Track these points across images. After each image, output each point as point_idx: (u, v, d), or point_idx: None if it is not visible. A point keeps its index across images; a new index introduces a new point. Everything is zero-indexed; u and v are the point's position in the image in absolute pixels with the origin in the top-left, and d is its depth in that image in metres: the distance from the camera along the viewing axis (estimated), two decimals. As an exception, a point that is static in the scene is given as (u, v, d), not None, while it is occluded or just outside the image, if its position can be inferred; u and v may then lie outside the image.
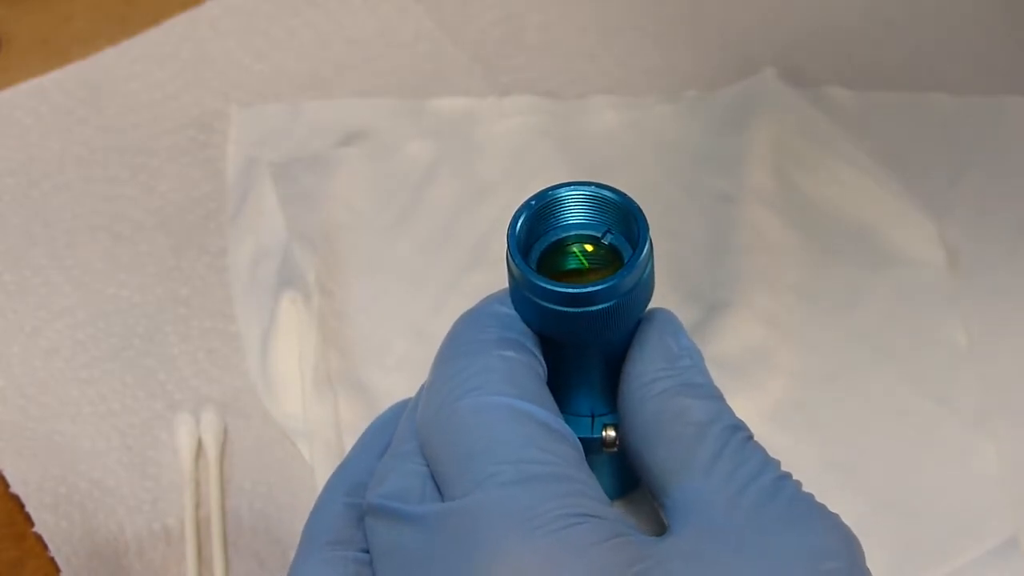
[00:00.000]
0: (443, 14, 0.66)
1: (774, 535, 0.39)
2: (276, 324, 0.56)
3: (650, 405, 0.42)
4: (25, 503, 0.52)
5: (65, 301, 0.57)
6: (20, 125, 0.62)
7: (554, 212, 0.44)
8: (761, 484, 0.40)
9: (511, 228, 0.43)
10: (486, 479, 0.39)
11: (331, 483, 0.45)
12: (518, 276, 0.43)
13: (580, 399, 0.45)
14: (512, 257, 0.43)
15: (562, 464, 0.40)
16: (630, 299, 0.43)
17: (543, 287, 0.42)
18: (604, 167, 0.60)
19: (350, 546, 0.43)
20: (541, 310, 0.42)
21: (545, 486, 0.39)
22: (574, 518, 0.38)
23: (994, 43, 0.65)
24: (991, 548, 0.51)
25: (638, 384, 0.43)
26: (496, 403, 0.41)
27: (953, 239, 0.59)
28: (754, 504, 0.40)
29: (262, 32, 0.65)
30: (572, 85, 0.64)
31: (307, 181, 0.60)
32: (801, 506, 0.40)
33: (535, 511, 0.38)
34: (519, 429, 0.40)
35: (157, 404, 0.55)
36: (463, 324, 0.44)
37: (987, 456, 0.53)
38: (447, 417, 0.41)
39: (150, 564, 0.51)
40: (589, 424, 0.46)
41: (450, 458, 0.41)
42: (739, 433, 0.41)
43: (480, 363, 0.42)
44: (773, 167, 0.60)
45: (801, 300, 0.57)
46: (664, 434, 0.42)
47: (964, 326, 0.56)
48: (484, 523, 0.39)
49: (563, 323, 0.43)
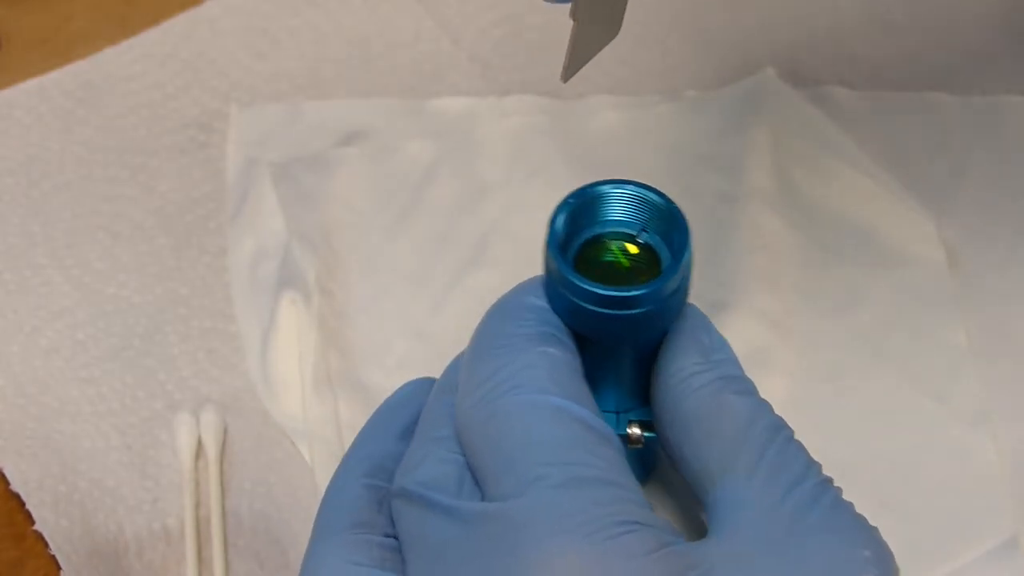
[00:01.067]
0: (443, 14, 0.66)
1: (816, 544, 0.39)
2: (276, 324, 0.56)
3: (690, 401, 0.42)
4: (25, 502, 0.52)
5: (65, 301, 0.57)
6: (20, 125, 0.62)
7: (595, 208, 0.44)
8: (803, 490, 0.40)
9: (551, 222, 0.43)
10: (534, 481, 0.39)
11: (347, 463, 0.44)
12: (555, 273, 0.42)
13: (607, 394, 0.45)
14: (551, 253, 0.42)
15: (608, 468, 0.39)
16: (669, 304, 0.43)
17: (582, 287, 0.42)
18: (604, 167, 0.60)
19: (374, 530, 0.42)
20: (576, 308, 0.42)
21: (594, 491, 0.39)
22: (625, 526, 0.38)
23: (994, 43, 0.65)
24: (991, 548, 0.51)
25: (676, 380, 0.43)
26: (540, 402, 0.40)
27: (953, 239, 0.59)
28: (796, 510, 0.39)
29: (262, 32, 0.65)
30: (572, 85, 0.64)
31: (307, 181, 0.60)
32: (843, 516, 0.40)
33: (584, 516, 0.38)
34: (564, 430, 0.40)
35: (157, 404, 0.55)
36: (499, 316, 0.43)
37: (987, 456, 0.53)
38: (489, 414, 0.40)
39: (150, 564, 0.51)
40: (615, 420, 0.45)
41: (493, 456, 0.40)
42: (781, 433, 0.41)
43: (522, 359, 0.41)
44: (773, 167, 0.60)
45: (801, 300, 0.57)
46: (705, 431, 0.41)
47: (964, 326, 0.56)
48: (533, 527, 0.38)
49: (599, 323, 0.42)
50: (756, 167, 0.60)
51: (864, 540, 0.40)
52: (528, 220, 0.58)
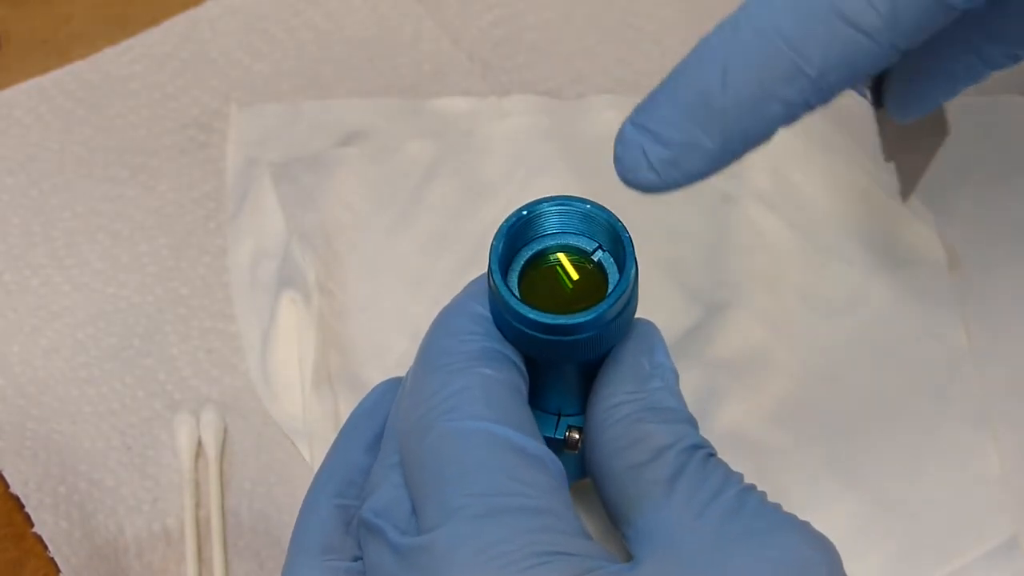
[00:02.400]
0: (443, 14, 0.66)
1: (740, 551, 0.39)
2: (276, 324, 0.56)
3: (611, 431, 0.42)
4: (24, 503, 0.52)
5: (65, 301, 0.57)
6: (20, 125, 0.62)
7: (544, 223, 0.43)
8: (723, 501, 0.39)
9: (495, 241, 0.42)
10: (456, 511, 0.39)
11: (318, 482, 0.45)
12: (497, 296, 0.42)
13: (548, 397, 0.45)
14: (492, 275, 0.42)
15: (535, 495, 0.39)
16: (611, 328, 0.42)
17: (522, 313, 0.41)
18: (604, 167, 0.60)
19: (342, 554, 0.42)
20: (519, 333, 0.42)
21: (515, 520, 0.38)
22: (541, 556, 0.38)
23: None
24: (991, 548, 0.51)
25: (603, 407, 0.42)
26: (471, 428, 0.40)
27: (953, 239, 0.59)
28: (718, 522, 0.39)
29: (262, 32, 0.65)
30: (572, 85, 0.64)
31: (307, 181, 0.60)
32: (767, 518, 0.39)
33: (502, 549, 0.38)
34: (493, 457, 0.40)
35: (157, 404, 0.55)
36: (443, 330, 0.43)
37: (987, 456, 0.53)
38: (421, 441, 0.40)
39: (150, 564, 0.51)
40: (554, 423, 0.45)
41: (423, 484, 0.40)
42: (698, 452, 0.41)
43: (458, 381, 0.41)
44: (773, 167, 0.60)
45: (801, 300, 0.57)
46: (622, 462, 0.41)
47: (964, 326, 0.56)
48: (451, 560, 0.38)
49: (540, 347, 0.42)
50: (756, 167, 0.60)
51: (799, 535, 0.39)
52: (528, 220, 0.58)
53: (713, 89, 0.39)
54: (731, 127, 0.40)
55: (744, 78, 0.39)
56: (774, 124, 0.40)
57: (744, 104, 0.39)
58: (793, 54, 0.39)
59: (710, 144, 0.40)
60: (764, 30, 0.39)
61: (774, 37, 0.39)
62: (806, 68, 0.39)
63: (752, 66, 0.39)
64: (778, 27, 0.39)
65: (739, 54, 0.39)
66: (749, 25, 0.40)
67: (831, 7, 0.39)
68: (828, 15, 0.39)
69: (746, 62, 0.39)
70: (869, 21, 0.39)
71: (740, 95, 0.39)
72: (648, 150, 0.40)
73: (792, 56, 0.39)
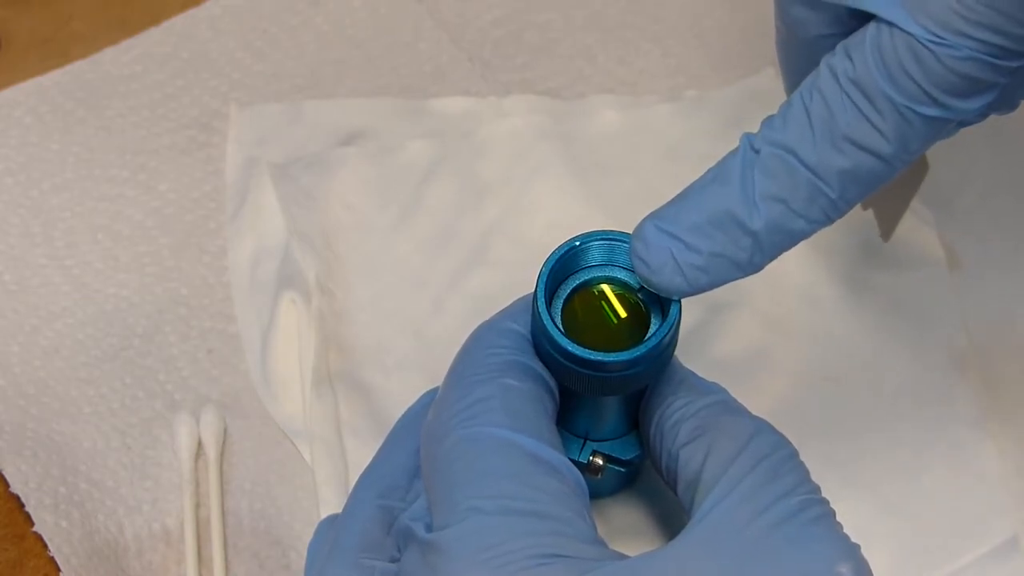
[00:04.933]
0: (443, 14, 0.66)
1: (776, 554, 0.39)
2: (276, 324, 0.56)
3: (689, 424, 0.43)
4: (25, 503, 0.52)
5: (65, 301, 0.57)
6: (20, 125, 0.62)
7: (588, 255, 0.44)
8: (787, 504, 0.40)
9: (543, 268, 0.43)
10: (465, 512, 0.40)
11: (363, 482, 0.46)
12: (538, 323, 0.42)
13: (577, 420, 0.45)
14: (537, 302, 0.42)
15: (544, 500, 0.40)
16: (649, 367, 0.42)
17: (561, 345, 0.42)
18: (604, 167, 0.60)
19: (380, 554, 0.44)
20: (556, 361, 0.42)
21: (520, 523, 0.39)
22: (542, 559, 0.39)
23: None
24: (992, 548, 0.51)
25: (673, 409, 0.44)
26: (487, 434, 0.41)
27: (953, 239, 0.59)
28: (769, 523, 0.40)
29: (262, 32, 0.65)
30: (572, 85, 0.64)
31: (307, 181, 0.60)
32: (821, 530, 0.40)
33: (502, 548, 0.39)
34: (507, 462, 0.41)
35: (157, 404, 0.55)
36: (475, 343, 0.44)
37: (987, 456, 0.53)
38: (439, 446, 0.42)
39: (149, 564, 0.51)
40: (579, 446, 0.46)
41: (438, 486, 0.41)
42: (781, 451, 0.42)
43: (480, 391, 0.42)
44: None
45: (802, 300, 0.57)
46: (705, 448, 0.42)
47: (964, 326, 0.56)
48: (455, 558, 0.39)
49: (576, 378, 0.42)
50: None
51: (842, 555, 0.40)
52: (528, 220, 0.58)
53: (739, 208, 0.41)
54: (760, 242, 0.42)
55: (770, 200, 0.41)
56: (799, 237, 0.42)
57: (771, 224, 0.41)
58: (813, 177, 0.41)
59: (741, 255, 0.42)
60: (783, 156, 0.41)
61: (794, 163, 0.41)
62: (826, 190, 0.41)
63: (776, 188, 0.41)
64: (797, 153, 0.41)
65: (763, 177, 0.41)
66: (769, 149, 0.41)
67: (843, 135, 0.40)
68: (842, 142, 0.40)
69: (770, 185, 0.41)
70: (880, 146, 0.41)
71: (767, 216, 0.41)
72: (678, 255, 0.42)
73: (813, 180, 0.41)
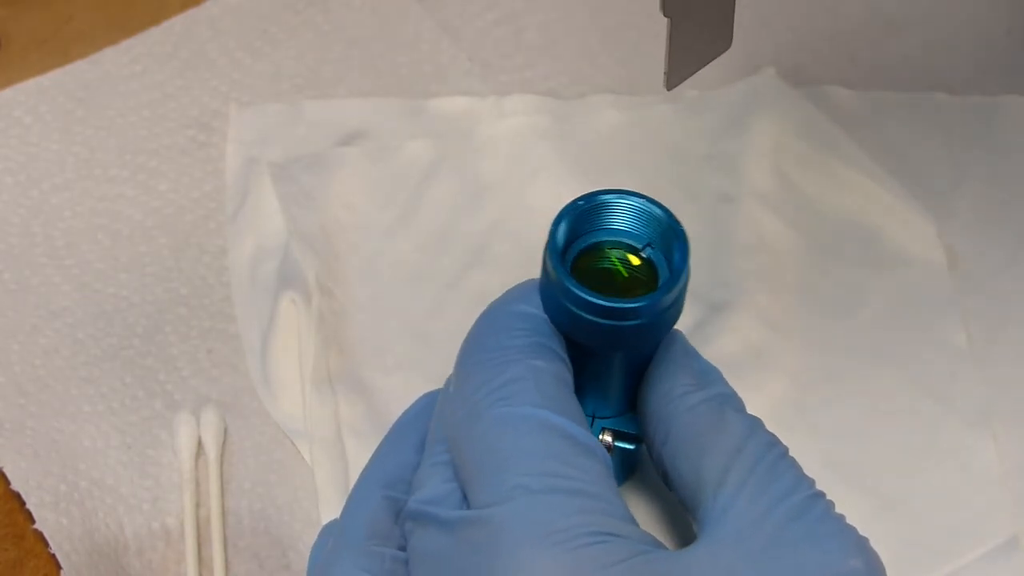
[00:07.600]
0: (443, 14, 0.66)
1: (795, 551, 0.39)
2: (276, 324, 0.56)
3: (687, 417, 0.43)
4: (25, 501, 0.52)
5: (65, 301, 0.57)
6: (20, 125, 0.62)
7: (598, 216, 0.44)
8: (791, 502, 0.40)
9: (553, 228, 0.43)
10: (513, 489, 0.40)
11: (367, 475, 0.46)
12: (554, 280, 0.42)
13: (586, 399, 0.45)
14: (550, 260, 0.42)
15: (587, 480, 0.40)
16: (664, 318, 0.43)
17: (580, 296, 0.42)
18: (604, 167, 0.60)
19: (388, 542, 0.43)
20: (573, 316, 0.42)
21: (570, 501, 0.39)
22: (596, 536, 0.39)
23: (994, 43, 0.65)
24: (992, 548, 0.51)
25: (671, 397, 0.44)
26: (526, 414, 0.41)
27: (953, 239, 0.59)
28: (782, 521, 0.40)
29: (262, 32, 0.65)
30: (572, 85, 0.64)
31: (307, 181, 0.60)
32: (830, 526, 0.40)
33: (558, 525, 0.39)
34: (548, 442, 0.41)
35: (157, 404, 0.55)
36: (489, 326, 0.44)
37: (987, 456, 0.53)
38: (475, 426, 0.41)
39: (149, 563, 0.51)
40: (589, 424, 0.46)
41: (478, 467, 0.41)
42: (775, 449, 0.42)
43: (511, 372, 0.42)
44: (773, 167, 0.60)
45: (801, 300, 0.57)
46: (701, 446, 0.42)
47: (964, 326, 0.56)
48: (507, 534, 0.39)
49: (593, 332, 0.42)
50: (756, 167, 0.60)
51: (853, 549, 0.40)
52: (528, 220, 0.58)
53: None
54: None
55: None
56: None
57: None
58: None
59: None
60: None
61: None
62: None
63: None
64: None
65: None
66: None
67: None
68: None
69: None
70: None
71: None
72: None
73: None
